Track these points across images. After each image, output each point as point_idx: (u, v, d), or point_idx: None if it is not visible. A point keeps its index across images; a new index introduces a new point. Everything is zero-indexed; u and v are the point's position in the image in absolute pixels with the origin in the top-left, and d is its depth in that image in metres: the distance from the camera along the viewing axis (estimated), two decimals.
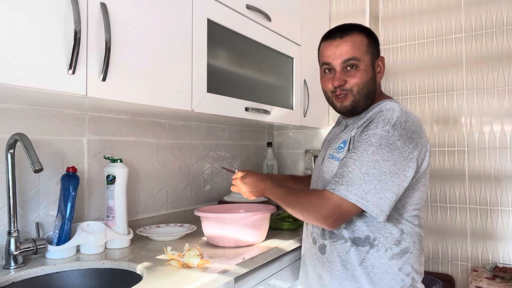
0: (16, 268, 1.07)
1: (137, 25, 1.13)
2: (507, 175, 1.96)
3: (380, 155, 1.00)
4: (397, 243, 1.09)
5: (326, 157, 1.18)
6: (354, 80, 1.12)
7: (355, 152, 1.04)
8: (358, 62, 1.11)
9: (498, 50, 1.98)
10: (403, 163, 1.02)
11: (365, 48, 1.13)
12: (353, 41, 1.12)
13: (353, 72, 1.12)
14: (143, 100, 1.15)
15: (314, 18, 2.07)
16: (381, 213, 1.01)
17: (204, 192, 1.92)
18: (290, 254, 1.38)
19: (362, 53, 1.12)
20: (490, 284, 1.76)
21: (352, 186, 1.00)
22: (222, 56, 1.46)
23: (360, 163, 1.01)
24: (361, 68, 1.12)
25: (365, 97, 1.14)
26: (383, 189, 1.00)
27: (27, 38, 0.87)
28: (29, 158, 1.01)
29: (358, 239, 1.09)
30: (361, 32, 1.14)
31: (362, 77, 1.12)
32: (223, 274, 1.03)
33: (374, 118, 1.08)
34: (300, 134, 2.35)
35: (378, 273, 1.08)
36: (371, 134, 1.03)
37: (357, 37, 1.13)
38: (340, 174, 1.04)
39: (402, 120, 1.05)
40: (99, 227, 1.26)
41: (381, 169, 1.00)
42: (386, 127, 1.03)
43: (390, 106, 1.10)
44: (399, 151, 1.01)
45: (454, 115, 2.10)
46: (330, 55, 1.14)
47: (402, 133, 1.03)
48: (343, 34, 1.13)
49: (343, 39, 1.12)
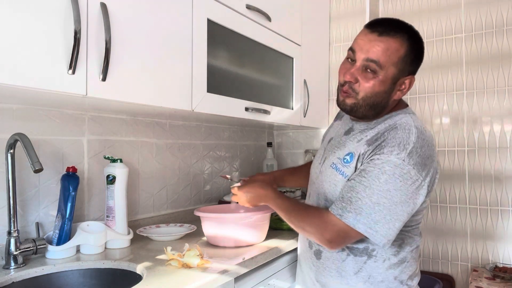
0: (16, 268, 1.07)
1: (137, 25, 1.13)
2: (507, 175, 1.96)
3: (392, 185, 0.95)
4: (396, 254, 1.07)
5: (326, 161, 1.13)
6: (366, 85, 1.01)
7: (366, 177, 0.98)
8: (379, 69, 1.00)
9: (498, 50, 1.98)
10: (414, 192, 0.97)
11: (396, 60, 1.00)
12: (388, 46, 0.99)
13: (370, 76, 1.01)
14: (143, 100, 1.15)
15: (314, 18, 2.07)
16: (387, 243, 0.99)
17: (204, 192, 1.92)
18: (290, 254, 1.38)
19: (389, 63, 1.00)
20: (490, 284, 1.76)
21: (361, 215, 0.96)
22: (222, 56, 1.46)
23: (371, 191, 0.96)
24: (379, 77, 1.01)
25: (369, 107, 1.04)
26: (392, 219, 0.97)
27: (27, 38, 0.87)
28: (29, 158, 1.01)
29: (356, 249, 1.06)
30: (405, 41, 1.01)
31: (375, 86, 1.01)
32: (223, 274, 1.03)
33: (388, 137, 1.00)
34: (300, 134, 2.35)
35: (374, 282, 1.06)
36: (385, 161, 0.96)
37: (395, 44, 0.99)
38: (348, 199, 0.99)
39: (418, 146, 0.98)
40: (99, 227, 1.26)
41: (392, 199, 0.96)
42: (402, 154, 0.96)
43: (405, 124, 1.02)
44: (412, 181, 0.96)
45: (454, 115, 2.10)
46: (359, 45, 1.02)
47: (417, 161, 0.96)
48: (383, 32, 1.00)
49: (380, 38, 1.00)
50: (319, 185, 1.14)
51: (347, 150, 1.08)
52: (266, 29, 1.67)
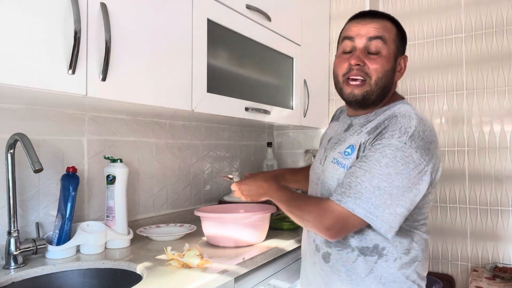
0: (16, 268, 1.07)
1: (137, 25, 1.13)
2: (507, 175, 1.96)
3: (394, 168, 0.93)
4: (407, 252, 1.03)
5: (328, 159, 1.11)
6: (375, 66, 1.01)
7: (366, 162, 0.96)
8: (383, 45, 1.02)
9: (498, 50, 1.98)
10: (417, 177, 0.95)
11: (393, 37, 1.05)
12: (384, 24, 1.05)
13: (375, 57, 1.02)
14: (143, 100, 1.15)
15: (314, 18, 2.07)
16: (390, 230, 0.95)
17: (204, 192, 1.92)
18: (290, 254, 1.38)
19: (390, 39, 1.04)
20: (490, 284, 1.76)
21: (360, 199, 0.93)
22: (222, 56, 1.47)
23: (371, 175, 0.94)
24: (383, 55, 1.02)
25: (381, 89, 1.04)
26: (394, 204, 0.93)
27: (27, 38, 0.87)
28: (29, 158, 1.01)
29: (366, 249, 1.02)
30: (393, 22, 1.08)
31: (384, 65, 1.02)
32: (223, 274, 1.03)
33: (388, 125, 0.99)
34: (300, 134, 2.35)
35: (386, 283, 1.02)
36: (386, 144, 0.95)
37: (388, 23, 1.06)
38: (347, 185, 0.96)
39: (420, 130, 0.96)
40: (99, 227, 1.26)
41: (393, 183, 0.93)
42: (403, 137, 0.94)
43: (405, 111, 1.01)
44: (415, 164, 0.94)
45: (454, 115, 2.10)
46: (355, 31, 1.05)
47: (420, 145, 0.95)
48: (374, 17, 1.06)
49: (374, 19, 1.05)
50: (322, 184, 1.12)
51: (348, 144, 1.07)
52: (266, 29, 1.67)
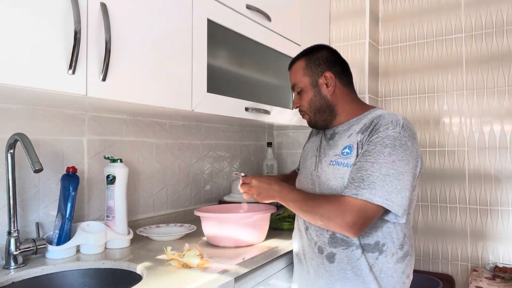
0: (16, 268, 1.07)
1: (137, 25, 1.13)
2: (507, 175, 1.96)
3: (396, 156, 1.02)
4: (401, 247, 1.11)
5: (323, 163, 1.16)
6: (302, 102, 1.24)
7: (370, 155, 1.04)
8: (299, 87, 1.24)
9: (498, 50, 1.98)
10: (413, 162, 1.05)
11: (302, 72, 1.23)
12: (294, 70, 1.26)
13: (301, 96, 1.24)
14: (143, 100, 1.15)
15: (314, 18, 2.07)
16: (404, 213, 1.02)
17: (204, 192, 1.92)
18: (290, 254, 1.38)
19: (300, 78, 1.23)
20: (490, 284, 1.76)
21: (375, 188, 0.99)
22: (222, 56, 1.47)
23: (379, 165, 1.01)
24: (304, 91, 1.23)
25: (318, 113, 1.22)
26: (403, 188, 1.01)
27: (27, 38, 0.87)
28: (29, 158, 1.01)
29: (368, 245, 1.10)
30: (301, 58, 1.25)
31: (307, 98, 1.23)
32: (223, 274, 1.03)
33: (379, 122, 1.09)
34: (300, 134, 2.35)
35: (384, 278, 1.10)
36: (384, 136, 1.05)
37: (297, 65, 1.25)
38: (359, 178, 1.02)
39: (406, 123, 1.09)
40: (99, 227, 1.26)
41: (398, 169, 1.01)
42: (397, 128, 1.06)
43: (387, 111, 1.14)
44: (410, 151, 1.05)
45: (454, 115, 2.10)
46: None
47: (410, 134, 1.07)
48: (290, 66, 1.28)
49: (290, 71, 1.28)
50: (321, 185, 1.16)
51: (342, 145, 1.14)
52: (266, 29, 1.67)
